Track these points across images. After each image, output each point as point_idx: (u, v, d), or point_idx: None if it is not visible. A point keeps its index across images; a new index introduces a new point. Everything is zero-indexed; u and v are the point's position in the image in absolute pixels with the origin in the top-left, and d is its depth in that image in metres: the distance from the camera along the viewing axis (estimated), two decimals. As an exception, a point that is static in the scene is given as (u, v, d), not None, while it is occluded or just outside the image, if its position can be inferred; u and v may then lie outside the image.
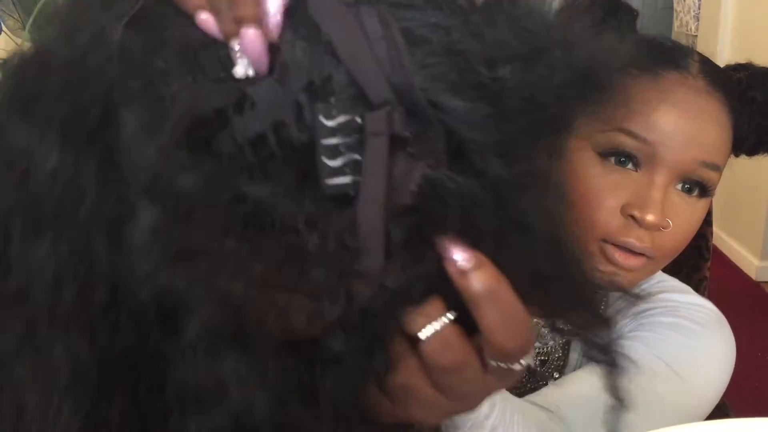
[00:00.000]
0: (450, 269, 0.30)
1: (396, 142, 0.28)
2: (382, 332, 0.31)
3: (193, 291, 0.25)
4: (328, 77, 0.28)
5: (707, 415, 0.71)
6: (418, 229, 0.29)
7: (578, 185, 0.66)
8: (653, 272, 0.70)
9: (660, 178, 0.64)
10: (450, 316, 0.31)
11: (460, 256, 0.30)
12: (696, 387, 0.69)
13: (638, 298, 0.73)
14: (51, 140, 0.25)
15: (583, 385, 0.66)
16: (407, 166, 0.28)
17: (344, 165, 0.28)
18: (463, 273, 0.30)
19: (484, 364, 0.32)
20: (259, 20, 0.28)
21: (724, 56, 2.92)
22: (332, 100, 0.28)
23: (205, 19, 0.28)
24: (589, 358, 0.35)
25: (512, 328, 0.31)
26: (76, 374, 0.26)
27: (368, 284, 0.29)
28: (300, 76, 0.28)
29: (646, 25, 3.98)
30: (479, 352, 0.32)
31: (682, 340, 0.69)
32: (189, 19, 0.28)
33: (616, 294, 0.74)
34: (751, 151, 0.72)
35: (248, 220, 0.27)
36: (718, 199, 0.70)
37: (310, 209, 0.28)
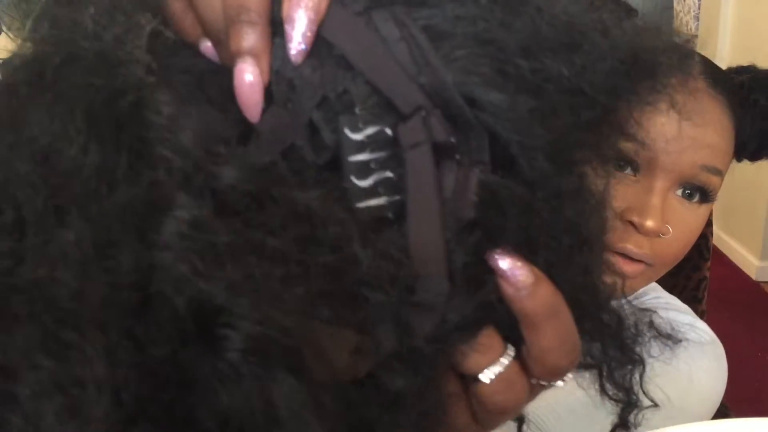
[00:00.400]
0: (507, 288, 0.27)
1: (440, 151, 0.25)
2: (435, 370, 0.27)
3: (234, 300, 0.22)
4: (344, 91, 0.25)
5: None
6: (480, 247, 0.26)
7: None
8: (652, 279, 0.69)
9: (659, 183, 0.62)
10: (511, 353, 0.29)
11: (519, 272, 0.27)
12: (683, 410, 0.67)
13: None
14: (76, 126, 0.23)
15: (567, 396, 0.64)
16: (461, 175, 0.25)
17: (376, 184, 0.25)
18: (522, 291, 0.27)
19: (530, 387, 0.30)
20: (259, 52, 0.25)
21: (724, 56, 2.92)
22: (357, 110, 0.25)
23: (208, 47, 0.27)
24: (602, 392, 0.33)
25: (567, 346, 0.29)
26: (100, 391, 0.21)
27: (430, 315, 0.25)
28: (311, 94, 0.25)
29: (646, 25, 3.97)
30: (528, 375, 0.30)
31: (670, 360, 0.68)
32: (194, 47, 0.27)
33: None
34: (754, 156, 0.71)
35: (295, 228, 0.23)
36: (718, 199, 0.69)
37: (361, 225, 0.24)
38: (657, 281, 0.72)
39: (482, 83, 0.25)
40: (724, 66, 0.75)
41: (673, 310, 0.72)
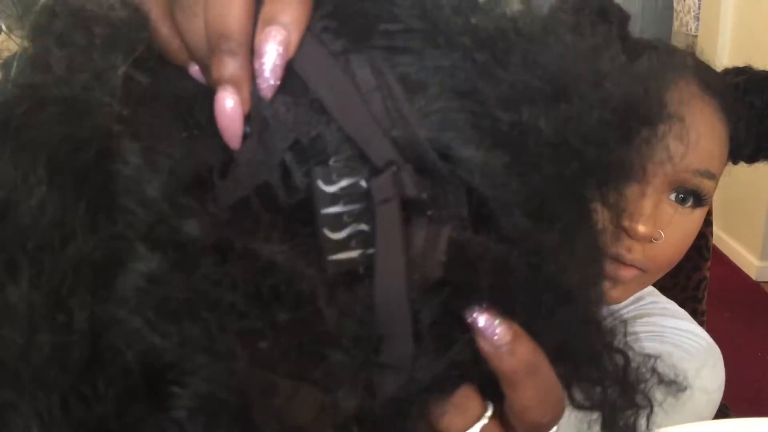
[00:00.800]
0: (483, 346, 0.26)
1: (411, 207, 0.25)
2: (406, 430, 0.27)
3: (188, 356, 0.22)
4: (317, 136, 0.25)
5: None
6: (450, 305, 0.26)
7: None
8: (647, 284, 0.68)
9: (651, 188, 0.62)
10: (489, 413, 0.28)
11: (495, 330, 0.26)
12: (677, 419, 0.67)
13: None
14: (38, 175, 0.22)
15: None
16: (431, 233, 0.25)
17: (350, 237, 0.25)
18: (500, 349, 0.26)
19: None
20: (239, 81, 0.25)
21: (724, 56, 2.92)
22: (331, 162, 0.25)
23: (196, 70, 0.27)
24: None
25: (549, 403, 0.28)
26: None
27: (395, 376, 0.25)
28: (283, 134, 0.25)
29: (645, 25, 3.98)
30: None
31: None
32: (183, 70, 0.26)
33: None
34: (751, 159, 0.70)
35: (258, 283, 0.23)
36: (718, 199, 0.68)
37: (327, 281, 0.24)
38: (657, 280, 0.71)
39: (456, 138, 0.24)
40: (724, 66, 0.75)
41: (670, 316, 0.72)
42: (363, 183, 0.25)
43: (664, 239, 0.62)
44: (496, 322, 0.26)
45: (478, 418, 0.28)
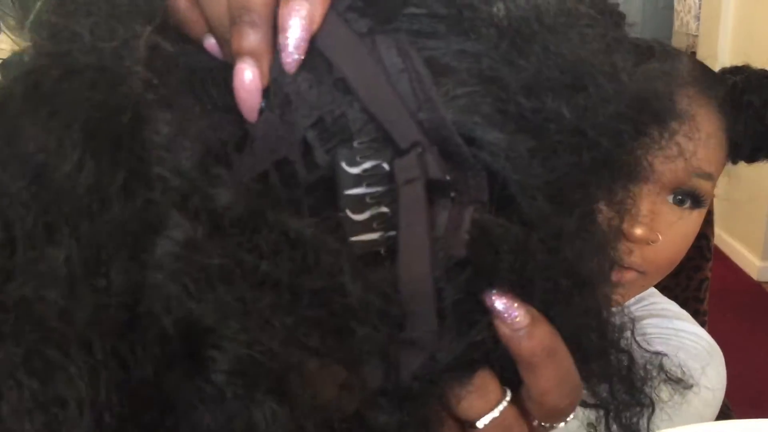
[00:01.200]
0: (503, 329, 0.27)
1: (434, 188, 0.25)
2: (424, 411, 0.27)
3: (223, 322, 0.22)
4: (341, 115, 0.25)
5: None
6: (471, 286, 0.26)
7: None
8: (646, 287, 0.68)
9: (648, 190, 0.62)
10: (509, 397, 0.28)
11: (514, 312, 0.26)
12: (677, 420, 0.67)
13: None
14: (72, 142, 0.22)
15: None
16: (454, 213, 0.25)
17: (371, 218, 0.25)
18: (519, 332, 0.27)
19: (531, 429, 0.29)
20: (259, 53, 0.25)
21: (724, 56, 2.92)
22: (355, 143, 0.25)
23: (212, 44, 0.26)
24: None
25: (567, 387, 0.28)
26: (81, 411, 0.21)
27: (418, 353, 0.25)
28: (306, 111, 0.25)
29: (646, 24, 3.98)
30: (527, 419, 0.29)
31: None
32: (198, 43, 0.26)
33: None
34: (750, 158, 0.70)
35: (287, 255, 0.23)
36: (720, 199, 0.68)
37: (351, 257, 0.24)
38: (659, 281, 0.71)
39: (482, 122, 0.25)
40: (724, 65, 0.75)
41: (670, 317, 0.71)
42: (385, 165, 0.25)
43: (662, 241, 0.62)
44: (515, 305, 0.26)
45: (498, 402, 0.28)
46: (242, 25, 0.25)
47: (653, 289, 0.74)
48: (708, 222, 0.98)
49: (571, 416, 0.30)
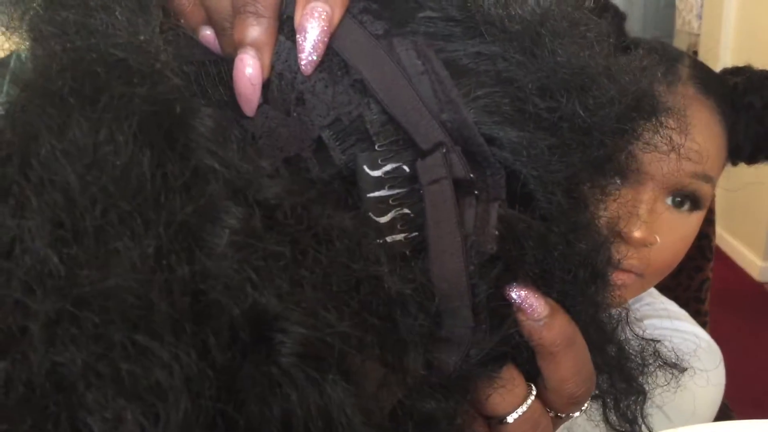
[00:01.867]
0: (524, 320, 0.28)
1: (459, 187, 0.25)
2: (459, 407, 0.27)
3: (287, 307, 0.23)
4: (358, 116, 0.25)
5: None
6: (500, 281, 0.27)
7: None
8: (644, 289, 0.68)
9: (647, 193, 0.62)
10: (534, 391, 0.29)
11: (536, 303, 0.28)
12: (677, 420, 0.66)
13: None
14: (127, 136, 0.23)
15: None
16: (480, 210, 0.26)
17: (394, 221, 0.25)
18: (540, 322, 0.28)
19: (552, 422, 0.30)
20: (262, 45, 0.25)
21: (726, 55, 2.91)
22: (377, 147, 0.25)
23: (208, 35, 0.26)
24: (606, 422, 0.33)
25: (584, 375, 0.29)
26: (179, 397, 0.21)
27: (457, 349, 0.26)
28: (323, 112, 0.25)
29: (647, 23, 3.97)
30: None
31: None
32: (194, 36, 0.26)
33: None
34: (750, 159, 0.69)
35: (333, 244, 0.24)
36: (721, 200, 0.68)
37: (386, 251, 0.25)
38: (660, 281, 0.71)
39: (502, 122, 0.25)
40: (726, 65, 0.74)
41: (669, 317, 0.71)
42: (406, 168, 0.25)
43: (661, 243, 0.62)
44: (536, 296, 0.28)
45: (526, 396, 0.29)
46: (246, 15, 0.25)
47: (652, 289, 0.74)
48: (709, 222, 0.98)
49: (586, 405, 0.31)
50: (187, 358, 0.22)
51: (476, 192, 0.26)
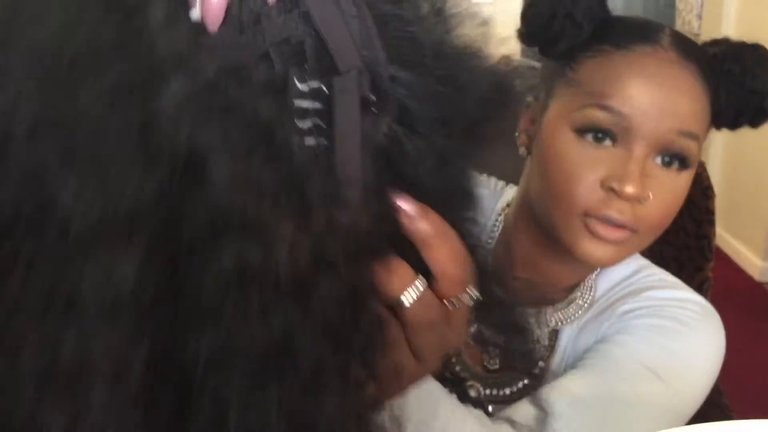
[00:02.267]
0: (402, 217, 0.35)
1: (363, 104, 0.33)
2: (363, 295, 0.33)
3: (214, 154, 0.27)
4: (301, 42, 0.31)
5: (695, 411, 0.70)
6: (385, 172, 0.34)
7: (558, 163, 0.67)
8: (640, 247, 0.71)
9: (637, 150, 0.65)
10: (421, 278, 0.35)
11: (411, 205, 0.34)
12: (679, 389, 0.68)
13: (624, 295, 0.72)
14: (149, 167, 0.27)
15: (578, 386, 0.66)
16: (375, 119, 0.33)
17: (311, 127, 0.32)
18: (415, 218, 0.34)
19: (447, 311, 0.37)
20: None
21: (726, 55, 2.91)
22: (306, 66, 0.32)
23: None
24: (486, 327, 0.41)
25: (459, 260, 0.36)
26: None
27: (348, 215, 0.32)
28: (275, 32, 0.31)
29: (648, 24, 3.96)
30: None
31: (664, 343, 0.68)
32: None
33: (597, 294, 0.74)
34: (733, 125, 0.71)
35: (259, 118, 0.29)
36: (721, 200, 0.69)
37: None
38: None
39: (405, 67, 0.33)
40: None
41: (666, 288, 0.74)
42: (325, 89, 0.32)
43: (653, 200, 0.65)
44: (411, 200, 0.34)
45: (412, 280, 0.35)
46: None
47: (648, 262, 0.77)
48: (709, 222, 0.98)
49: (473, 293, 0.37)
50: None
51: (375, 110, 0.33)
